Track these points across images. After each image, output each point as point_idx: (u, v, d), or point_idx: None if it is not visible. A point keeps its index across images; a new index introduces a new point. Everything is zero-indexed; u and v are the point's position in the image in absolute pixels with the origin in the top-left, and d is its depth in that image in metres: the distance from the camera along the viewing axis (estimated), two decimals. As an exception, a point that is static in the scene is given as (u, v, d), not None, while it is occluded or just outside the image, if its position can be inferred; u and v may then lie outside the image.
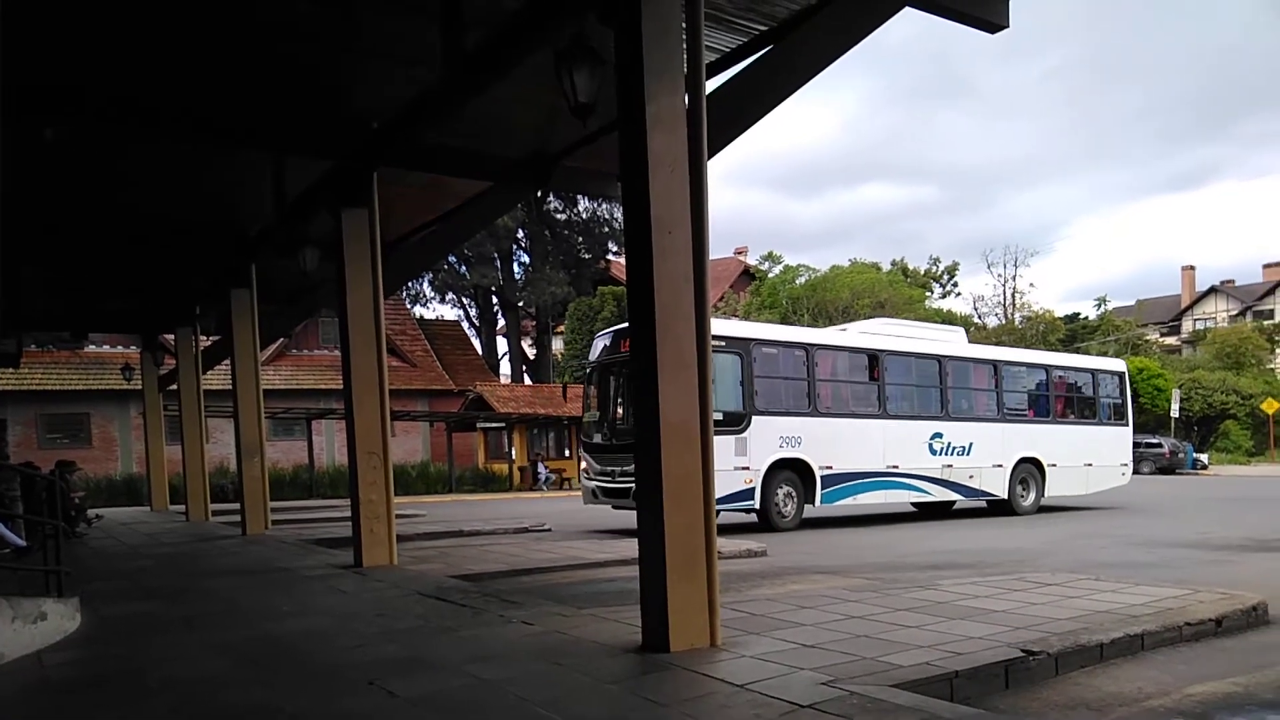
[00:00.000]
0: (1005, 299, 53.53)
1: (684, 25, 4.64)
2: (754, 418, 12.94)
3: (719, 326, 13.41)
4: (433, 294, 41.94)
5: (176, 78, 7.09)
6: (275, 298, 14.28)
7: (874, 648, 4.67)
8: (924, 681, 4.07)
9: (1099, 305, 59.62)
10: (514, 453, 31.80)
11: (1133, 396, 19.18)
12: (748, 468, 12.83)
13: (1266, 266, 76.19)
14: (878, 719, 3.40)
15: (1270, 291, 71.71)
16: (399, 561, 8.59)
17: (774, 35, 6.52)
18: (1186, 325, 72.80)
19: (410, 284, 38.68)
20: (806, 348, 13.99)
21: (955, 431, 15.26)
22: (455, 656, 4.66)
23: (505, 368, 45.84)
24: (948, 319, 50.60)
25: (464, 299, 43.63)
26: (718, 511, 13.80)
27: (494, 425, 31.92)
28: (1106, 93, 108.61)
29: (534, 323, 43.88)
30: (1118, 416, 18.15)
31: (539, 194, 32.96)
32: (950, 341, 16.57)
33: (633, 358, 4.72)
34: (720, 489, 11.83)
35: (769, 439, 13.10)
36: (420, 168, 8.76)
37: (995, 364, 16.49)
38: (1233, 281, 76.47)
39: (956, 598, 6.19)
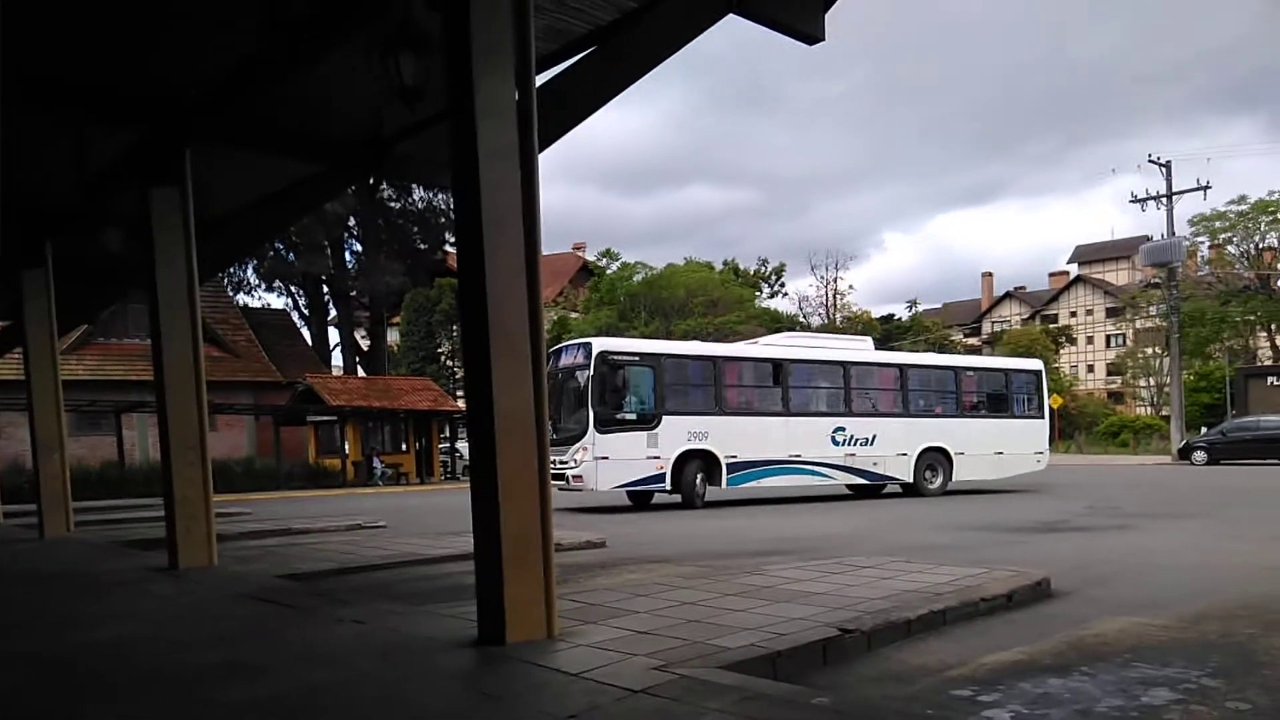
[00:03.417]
0: (828, 300, 56.41)
1: (513, 15, 4.65)
2: (664, 417, 15.68)
3: (636, 345, 17.03)
4: (258, 281, 39.88)
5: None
6: (77, 280, 13.11)
7: (704, 632, 4.85)
8: (749, 662, 4.26)
9: (910, 307, 63.96)
10: (347, 447, 30.67)
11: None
12: (659, 457, 15.56)
13: (1052, 274, 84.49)
14: (705, 700, 3.54)
15: (1055, 297, 79.35)
16: (220, 562, 8.14)
17: (602, 34, 6.61)
18: (986, 327, 79.37)
19: (232, 270, 36.58)
20: (713, 359, 16.86)
21: (858, 425, 17.54)
22: (282, 659, 4.49)
23: (337, 359, 44.12)
24: (775, 318, 52.99)
25: (292, 287, 41.63)
26: (641, 492, 15.74)
27: (325, 419, 30.67)
28: (904, 110, 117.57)
29: (368, 313, 42.42)
30: (1032, 409, 19.95)
31: (371, 180, 31.91)
32: (858, 350, 18.99)
33: (465, 349, 4.70)
34: (636, 473, 15.56)
35: (678, 434, 15.71)
36: (239, 146, 8.27)
37: (901, 367, 18.91)
38: (1024, 288, 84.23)
39: (781, 582, 6.51)
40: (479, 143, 4.46)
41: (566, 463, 15.38)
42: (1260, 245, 47.55)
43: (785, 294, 60.95)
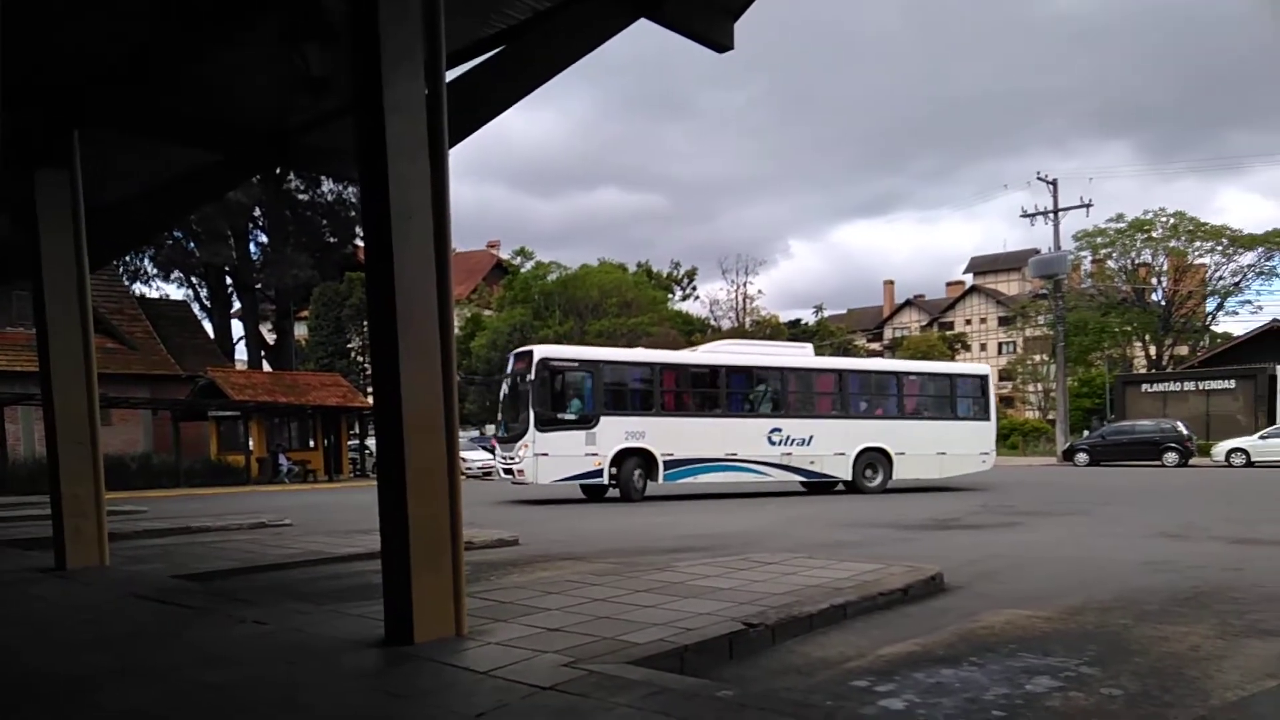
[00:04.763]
0: (738, 304, 56.97)
1: (423, 7, 4.61)
2: (602, 418, 16.86)
3: (576, 352, 18.45)
4: (156, 271, 38.07)
5: None
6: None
7: (614, 628, 4.90)
8: (657, 657, 4.33)
9: (816, 312, 65.13)
10: (251, 444, 29.68)
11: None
12: (597, 454, 16.73)
13: (949, 284, 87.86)
14: (612, 695, 3.58)
15: (952, 306, 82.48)
16: (112, 562, 7.80)
17: (515, 33, 6.60)
18: (887, 333, 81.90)
19: (128, 258, 34.97)
20: (651, 365, 18.15)
21: (794, 427, 18.51)
22: (178, 662, 4.35)
23: (241, 353, 42.62)
24: (687, 320, 53.49)
25: (193, 278, 39.98)
26: (593, 486, 16.80)
27: (228, 414, 29.60)
28: (804, 122, 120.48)
29: (274, 306, 41.06)
30: (978, 412, 20.54)
31: (277, 170, 31.00)
32: (796, 356, 20.07)
33: (373, 346, 4.64)
34: (575, 469, 16.76)
35: (615, 433, 16.91)
36: (136, 130, 7.91)
37: (840, 372, 20.12)
38: (924, 296, 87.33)
39: (689, 578, 6.61)
40: (387, 137, 4.40)
41: (512, 458, 16.89)
42: (1136, 260, 50.32)
43: (697, 297, 61.46)
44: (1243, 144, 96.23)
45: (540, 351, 17.04)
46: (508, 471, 17.34)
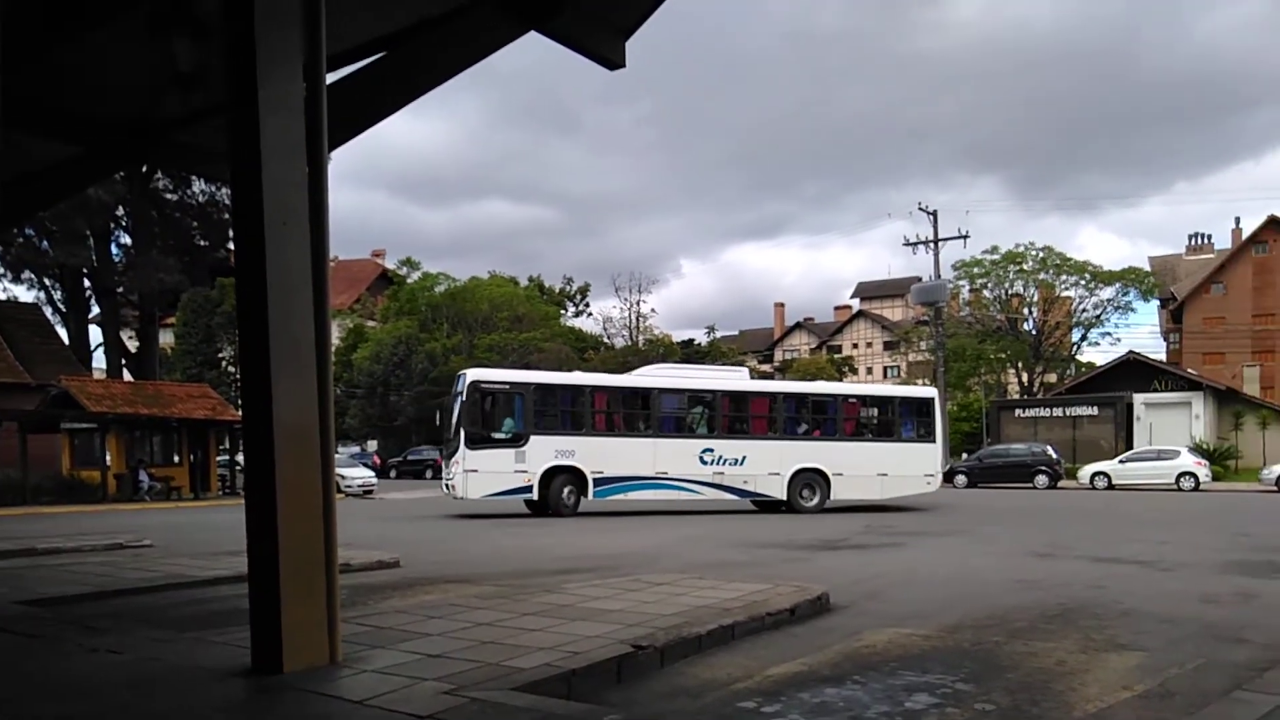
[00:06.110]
0: (631, 322, 57.05)
1: (302, 4, 4.43)
2: (532, 436, 17.64)
3: (507, 375, 20.00)
4: (4, 271, 35.33)
5: None
6: None
7: (499, 653, 4.76)
8: (543, 682, 4.22)
9: (709, 333, 66.02)
10: (109, 458, 27.83)
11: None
12: (526, 471, 17.48)
13: (837, 308, 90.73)
14: (496, 724, 3.47)
15: (840, 329, 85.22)
16: (-58, 589, 7.14)
17: (402, 37, 6.45)
18: (778, 354, 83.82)
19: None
20: (581, 387, 18.98)
21: (727, 447, 18.85)
22: (23, 696, 4.02)
23: (100, 361, 40.05)
24: (580, 337, 53.37)
25: (46, 279, 37.30)
26: (534, 502, 17.21)
27: (83, 426, 27.71)
28: (691, 143, 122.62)
29: (137, 312, 38.75)
30: (923, 434, 20.53)
31: (144, 168, 29.37)
32: (730, 379, 20.83)
33: (242, 355, 4.40)
34: (504, 485, 17.60)
35: (545, 451, 17.67)
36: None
37: (773, 394, 20.73)
38: (813, 319, 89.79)
39: (578, 600, 6.52)
40: (262, 137, 4.20)
41: (449, 474, 17.99)
42: (1009, 291, 53.25)
43: (590, 314, 61.28)
44: (1097, 186, 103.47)
45: (472, 374, 18.20)
46: (448, 486, 18.32)
